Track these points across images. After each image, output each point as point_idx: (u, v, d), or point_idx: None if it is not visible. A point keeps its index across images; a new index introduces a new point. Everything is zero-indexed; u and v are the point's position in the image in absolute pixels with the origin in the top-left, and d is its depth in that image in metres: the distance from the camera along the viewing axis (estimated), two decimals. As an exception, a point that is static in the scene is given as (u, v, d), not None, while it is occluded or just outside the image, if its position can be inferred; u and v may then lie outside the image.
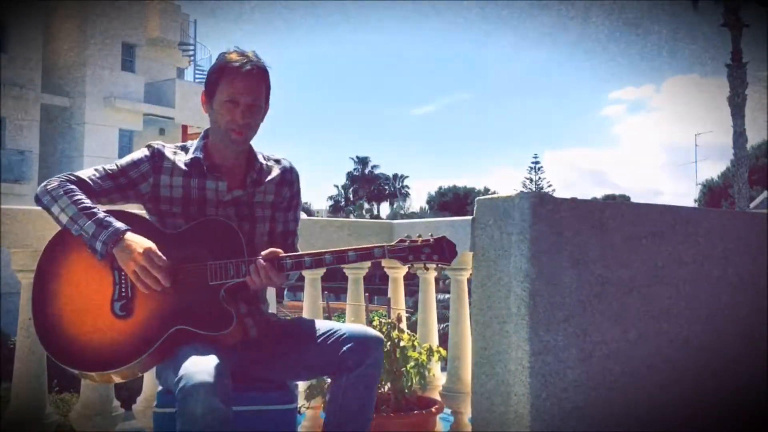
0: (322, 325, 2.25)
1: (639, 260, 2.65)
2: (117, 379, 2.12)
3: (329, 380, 2.55)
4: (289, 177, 2.38)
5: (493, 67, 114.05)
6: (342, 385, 2.15)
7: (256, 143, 2.36)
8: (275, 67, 2.33)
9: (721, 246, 2.89)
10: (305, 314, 3.37)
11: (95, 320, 2.04)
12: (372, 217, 48.42)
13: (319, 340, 2.19)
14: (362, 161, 61.28)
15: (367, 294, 3.59)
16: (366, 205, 55.14)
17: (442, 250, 2.14)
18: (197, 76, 29.23)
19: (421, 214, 48.93)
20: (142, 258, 2.01)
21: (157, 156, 2.22)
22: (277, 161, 2.38)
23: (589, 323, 2.52)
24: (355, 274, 3.52)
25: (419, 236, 2.15)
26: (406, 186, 60.89)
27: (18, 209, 2.50)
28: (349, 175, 61.00)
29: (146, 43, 26.10)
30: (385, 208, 59.03)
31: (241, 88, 2.16)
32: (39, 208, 2.13)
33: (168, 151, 2.25)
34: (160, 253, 2.04)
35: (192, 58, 28.75)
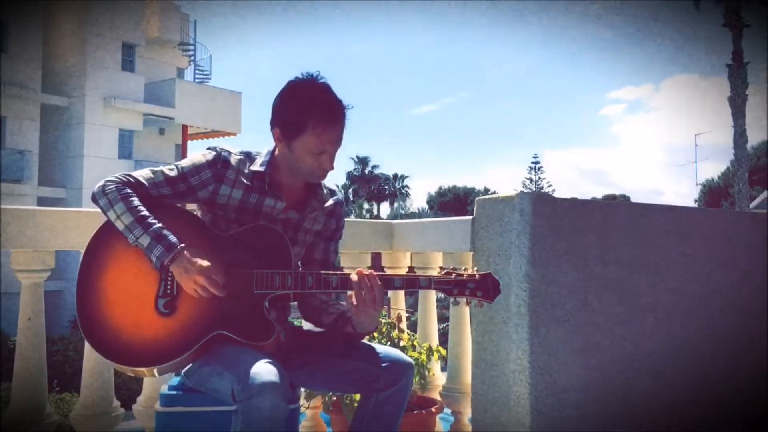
0: (357, 342, 2.25)
1: (639, 260, 2.65)
2: (147, 374, 2.12)
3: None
4: (339, 210, 2.37)
5: (493, 67, 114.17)
6: (372, 403, 2.16)
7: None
8: (274, 66, 2.31)
9: (721, 246, 2.89)
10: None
11: (139, 315, 2.03)
12: (372, 217, 48.36)
13: (352, 355, 2.20)
14: (362, 161, 61.21)
15: (367, 294, 3.57)
16: (366, 205, 55.02)
17: (487, 288, 2.11)
18: (197, 76, 29.25)
19: (421, 214, 48.90)
20: (202, 279, 2.01)
21: (221, 164, 2.16)
22: (332, 192, 2.36)
23: (589, 323, 2.51)
24: (355, 274, 3.51)
25: (465, 269, 2.14)
26: (406, 186, 60.81)
27: (18, 209, 2.50)
28: (349, 175, 60.92)
29: (146, 43, 26.09)
30: (385, 208, 59.01)
31: (331, 138, 2.12)
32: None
33: (234, 160, 2.19)
34: (217, 274, 2.02)
35: (192, 58, 28.75)
